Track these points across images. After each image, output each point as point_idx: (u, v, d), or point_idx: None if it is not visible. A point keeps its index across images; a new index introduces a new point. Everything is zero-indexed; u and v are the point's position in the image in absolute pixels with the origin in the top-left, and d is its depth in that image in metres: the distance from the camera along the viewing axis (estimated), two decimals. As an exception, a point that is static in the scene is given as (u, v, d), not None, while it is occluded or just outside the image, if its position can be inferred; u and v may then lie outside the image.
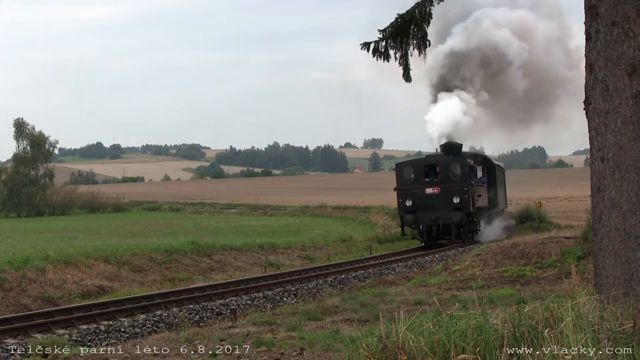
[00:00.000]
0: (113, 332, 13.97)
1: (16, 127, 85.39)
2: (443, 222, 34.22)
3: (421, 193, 34.56)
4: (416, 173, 35.22)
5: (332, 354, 9.60)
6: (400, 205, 35.25)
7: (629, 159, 8.37)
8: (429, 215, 34.16)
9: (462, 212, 34.06)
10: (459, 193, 34.10)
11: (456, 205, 34.01)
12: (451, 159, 35.43)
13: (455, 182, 34.44)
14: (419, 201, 34.48)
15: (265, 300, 17.81)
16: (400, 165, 36.85)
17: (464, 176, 34.55)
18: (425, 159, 36.75)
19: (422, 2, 11.92)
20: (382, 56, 12.23)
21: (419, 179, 34.96)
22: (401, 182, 35.36)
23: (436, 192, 34.48)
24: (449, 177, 34.63)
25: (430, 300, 13.64)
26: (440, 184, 34.62)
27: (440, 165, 35.17)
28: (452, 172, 34.66)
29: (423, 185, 34.73)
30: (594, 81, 8.60)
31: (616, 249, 8.37)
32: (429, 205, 34.25)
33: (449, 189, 34.32)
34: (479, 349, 6.76)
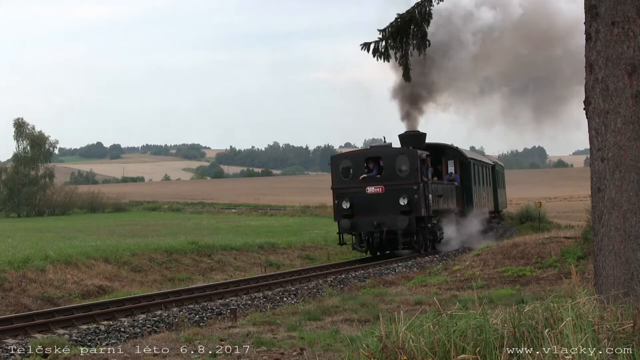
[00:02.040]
0: (113, 332, 13.97)
1: (16, 127, 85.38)
2: (388, 229, 27.70)
3: (361, 193, 27.96)
4: (355, 168, 28.65)
5: (332, 354, 9.60)
6: (336, 208, 28.50)
7: (629, 159, 8.37)
8: (370, 219, 27.68)
9: (410, 216, 27.46)
10: (406, 193, 27.53)
11: (403, 207, 27.48)
12: (397, 151, 28.88)
13: (403, 179, 27.97)
14: (359, 203, 27.93)
15: (265, 300, 17.81)
16: (336, 158, 29.89)
17: (413, 172, 27.88)
18: (367, 150, 29.92)
19: (422, 2, 11.92)
20: (382, 56, 12.25)
21: (359, 176, 28.49)
22: (337, 180, 28.80)
23: (379, 192, 27.91)
24: (395, 173, 28.11)
25: (430, 300, 13.64)
26: (385, 181, 28.04)
27: (385, 159, 28.47)
28: (399, 167, 28.18)
29: (363, 183, 28.14)
30: (594, 81, 8.60)
31: (616, 249, 8.37)
32: (370, 208, 27.87)
33: (394, 187, 27.77)
34: (479, 349, 6.76)
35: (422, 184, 27.96)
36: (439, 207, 30.21)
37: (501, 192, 44.36)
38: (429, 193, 28.61)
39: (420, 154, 28.44)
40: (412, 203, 27.56)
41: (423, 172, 28.43)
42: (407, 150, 29.00)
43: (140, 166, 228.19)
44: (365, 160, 28.76)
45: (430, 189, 28.86)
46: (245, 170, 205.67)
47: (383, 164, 28.46)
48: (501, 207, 44.07)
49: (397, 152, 28.82)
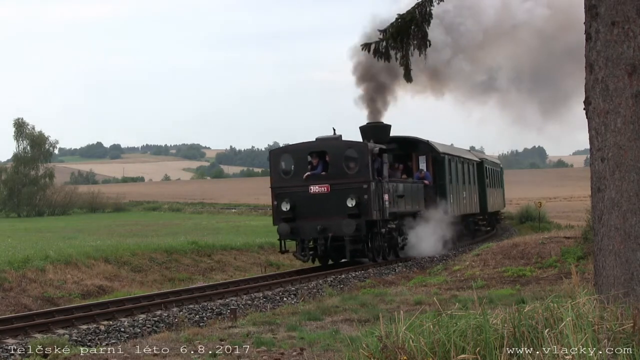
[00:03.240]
0: (113, 332, 13.97)
1: (16, 127, 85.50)
2: (333, 234, 23.64)
3: (304, 193, 24.03)
4: (298, 164, 24.68)
5: (332, 354, 9.60)
6: (274, 210, 24.60)
7: (629, 159, 8.38)
8: (314, 224, 23.71)
9: (359, 219, 23.49)
10: (355, 192, 23.60)
11: (351, 210, 23.51)
12: (345, 144, 24.66)
13: (351, 176, 24.01)
14: (301, 204, 24.05)
15: (265, 300, 17.81)
16: (275, 153, 25.67)
17: (364, 168, 23.95)
18: (310, 143, 25.10)
19: (422, 2, 11.93)
20: (382, 57, 12.26)
21: (302, 173, 24.50)
22: (277, 178, 24.84)
23: (324, 192, 23.95)
24: (342, 170, 24.18)
25: (430, 300, 13.64)
26: (331, 179, 24.06)
27: (331, 153, 24.43)
28: (347, 163, 24.29)
29: (306, 182, 24.20)
30: (594, 81, 8.60)
31: (616, 249, 8.37)
32: (314, 210, 23.88)
33: (341, 186, 23.86)
34: (479, 349, 6.76)
35: (374, 182, 24.07)
36: (400, 208, 26.47)
37: (493, 192, 41.26)
38: (385, 193, 24.73)
39: (372, 148, 24.36)
40: (361, 204, 23.58)
41: (376, 169, 24.56)
42: (356, 143, 24.81)
43: (140, 166, 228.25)
44: (309, 155, 24.66)
45: (387, 188, 24.99)
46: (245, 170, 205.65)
47: (329, 160, 24.41)
48: (492, 208, 41.00)
49: (345, 145, 24.55)
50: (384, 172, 25.25)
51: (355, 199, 23.54)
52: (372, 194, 23.82)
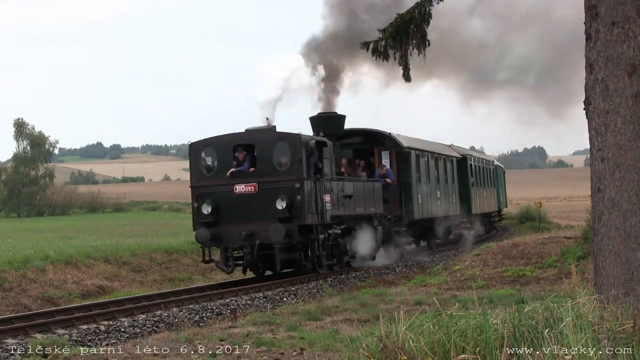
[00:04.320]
0: (113, 332, 13.96)
1: (16, 127, 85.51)
2: (261, 241, 20.09)
3: (228, 193, 20.59)
4: (221, 159, 21.13)
5: (332, 354, 9.60)
6: (195, 213, 21.01)
7: (629, 159, 8.38)
8: (239, 229, 20.21)
9: (290, 224, 20.00)
10: (286, 193, 20.15)
11: (281, 213, 19.99)
12: (275, 136, 21.01)
13: (282, 174, 20.52)
14: (225, 206, 20.60)
15: (265, 300, 17.79)
16: (196, 146, 21.57)
17: (296, 164, 20.40)
18: (236, 135, 21.37)
19: (421, 2, 11.94)
20: (381, 56, 12.27)
21: (226, 170, 20.91)
22: (198, 175, 21.36)
23: (251, 192, 20.41)
24: (272, 167, 20.67)
25: (430, 300, 13.64)
26: (259, 177, 20.54)
27: (259, 147, 20.88)
28: (277, 159, 20.71)
29: (231, 180, 20.64)
30: (594, 81, 8.61)
31: (616, 249, 8.37)
32: (240, 213, 20.44)
33: (270, 185, 20.39)
34: (479, 349, 6.77)
35: (310, 180, 20.58)
36: (349, 211, 23.03)
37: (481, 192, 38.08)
38: (325, 193, 21.28)
39: (306, 140, 20.87)
40: (294, 206, 20.08)
41: (313, 165, 21.06)
42: (288, 135, 20.91)
43: (140, 166, 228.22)
44: (234, 149, 21.00)
45: (329, 187, 21.65)
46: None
47: (257, 154, 20.89)
48: (480, 210, 37.65)
49: (275, 137, 20.92)
50: (326, 169, 21.70)
51: (286, 200, 19.98)
52: (306, 195, 20.28)
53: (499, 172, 45.13)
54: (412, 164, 27.77)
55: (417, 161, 28.48)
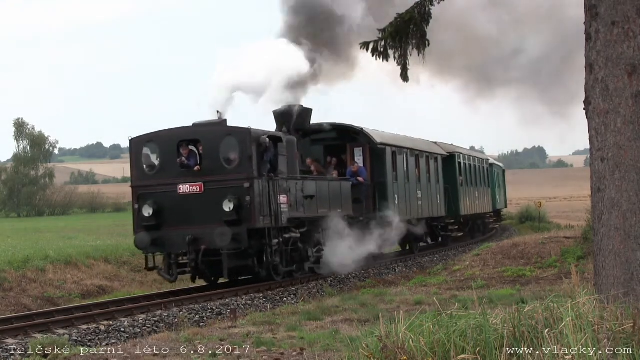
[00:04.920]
0: (113, 332, 13.97)
1: (16, 127, 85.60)
2: (207, 247, 18.19)
3: (171, 193, 18.68)
4: (165, 156, 19.23)
5: (332, 354, 9.61)
6: (135, 216, 19.11)
7: (629, 159, 8.38)
8: (182, 233, 18.30)
9: (239, 228, 18.08)
10: (234, 193, 18.25)
11: (228, 215, 18.06)
12: (222, 131, 19.08)
13: (230, 172, 18.64)
14: (168, 208, 18.67)
15: (265, 300, 17.79)
16: (137, 142, 19.52)
17: (246, 161, 18.48)
18: (181, 130, 19.40)
19: (421, 2, 11.94)
20: (381, 56, 12.27)
21: (169, 168, 19.02)
22: (139, 173, 19.40)
23: (196, 192, 18.53)
24: (219, 164, 18.78)
25: (430, 300, 13.65)
26: (205, 176, 18.70)
27: (205, 143, 18.95)
28: (225, 155, 18.79)
29: (174, 179, 18.74)
30: (594, 81, 8.61)
31: (616, 249, 8.38)
32: (184, 216, 18.54)
33: (217, 185, 18.55)
34: (479, 349, 6.77)
35: (262, 179, 18.64)
36: (310, 213, 20.98)
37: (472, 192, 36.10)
38: (281, 193, 19.34)
39: (257, 135, 18.80)
40: (242, 208, 18.17)
41: (267, 162, 19.12)
42: (237, 129, 19.01)
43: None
44: (178, 145, 19.04)
45: (285, 187, 19.67)
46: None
47: (203, 151, 19.03)
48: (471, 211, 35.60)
49: (223, 132, 19.03)
50: (282, 167, 19.67)
51: (234, 202, 18.05)
52: (256, 195, 18.34)
53: (495, 171, 43.56)
54: (387, 161, 25.73)
55: (394, 158, 26.44)
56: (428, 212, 29.47)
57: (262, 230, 18.71)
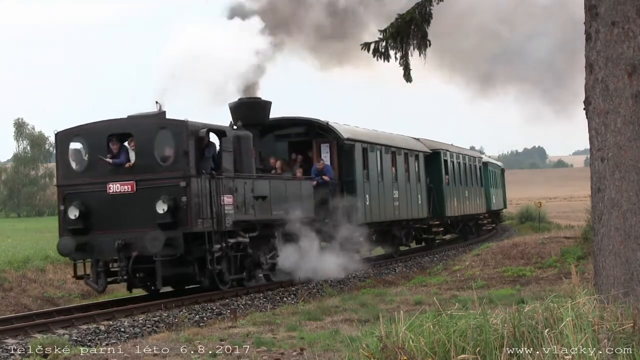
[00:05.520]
0: (113, 332, 13.96)
1: (16, 127, 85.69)
2: (139, 254, 16.22)
3: (100, 193, 16.80)
4: (93, 152, 17.27)
5: (332, 354, 9.61)
6: (60, 218, 17.17)
7: (629, 159, 8.39)
8: (112, 238, 16.40)
9: (174, 232, 16.23)
10: (168, 193, 16.42)
11: (162, 218, 16.19)
12: (157, 123, 17.18)
13: (164, 170, 16.76)
14: (97, 210, 16.77)
15: (265, 300, 17.79)
16: (63, 136, 17.62)
17: (182, 158, 16.64)
18: (111, 122, 17.48)
19: (422, 2, 11.95)
20: (382, 56, 12.29)
21: (98, 165, 17.03)
22: (64, 172, 17.54)
23: (128, 192, 16.66)
24: (153, 161, 16.85)
25: (430, 300, 13.65)
26: (138, 174, 16.78)
27: (138, 137, 17.03)
28: (160, 151, 16.90)
29: (104, 178, 16.83)
30: (594, 81, 8.62)
31: (616, 249, 8.38)
32: (114, 219, 16.64)
33: (151, 184, 16.67)
34: (479, 349, 6.77)
35: (200, 178, 16.80)
36: (262, 215, 18.97)
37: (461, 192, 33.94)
38: (225, 194, 17.43)
39: (195, 128, 17.02)
40: (178, 210, 16.35)
41: (208, 159, 17.43)
42: (172, 122, 17.13)
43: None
44: (108, 139, 17.14)
45: (231, 186, 17.72)
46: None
47: (135, 146, 17.12)
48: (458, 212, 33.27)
49: (156, 125, 17.13)
50: (226, 164, 17.77)
51: (169, 203, 16.21)
52: (194, 195, 16.53)
53: (490, 170, 41.75)
54: (356, 158, 23.63)
55: (365, 155, 24.34)
56: (407, 214, 27.31)
57: (202, 234, 16.71)
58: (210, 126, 17.60)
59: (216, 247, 17.05)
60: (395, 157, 26.85)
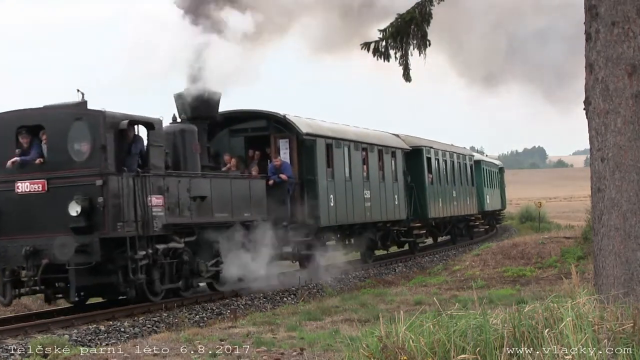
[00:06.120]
0: (113, 332, 13.95)
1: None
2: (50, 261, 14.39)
3: (7, 193, 15.06)
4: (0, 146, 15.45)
5: (332, 354, 9.61)
6: None
7: (629, 159, 8.39)
8: (19, 243, 14.65)
9: (89, 237, 14.37)
10: (83, 193, 14.50)
11: (75, 221, 14.35)
12: (72, 114, 15.10)
13: (78, 166, 14.85)
14: (4, 212, 14.97)
15: (265, 300, 17.79)
16: None
17: (98, 153, 14.72)
18: (19, 113, 15.65)
19: (422, 2, 11.96)
20: (382, 56, 12.30)
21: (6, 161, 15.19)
22: None
23: (39, 191, 14.87)
24: (67, 156, 14.97)
25: (430, 300, 13.65)
26: (49, 171, 14.97)
27: (50, 130, 15.16)
28: (75, 146, 15.02)
29: (12, 175, 15.10)
30: (594, 81, 8.62)
31: (616, 249, 8.38)
32: (22, 222, 14.90)
33: (64, 183, 14.82)
34: (479, 349, 6.77)
35: (121, 176, 14.92)
36: (200, 217, 17.08)
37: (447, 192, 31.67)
38: (153, 194, 15.54)
39: (115, 120, 15.09)
40: (94, 212, 14.51)
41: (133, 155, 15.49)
42: (88, 112, 15.08)
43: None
44: (17, 131, 15.32)
45: (159, 185, 15.81)
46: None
47: (47, 139, 15.20)
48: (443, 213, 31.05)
49: (70, 116, 15.09)
50: (155, 161, 15.81)
51: (83, 204, 14.38)
52: (112, 195, 14.66)
53: (483, 169, 39.94)
54: (318, 155, 21.56)
55: (329, 152, 22.32)
56: (380, 215, 25.27)
57: (123, 239, 14.84)
58: (133, 117, 15.53)
59: (141, 253, 15.12)
60: (367, 154, 24.85)
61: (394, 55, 12.28)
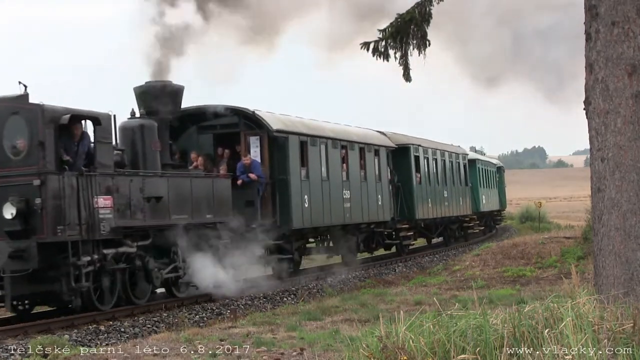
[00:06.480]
0: (113, 332, 13.96)
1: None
2: None
3: None
4: None
5: (332, 354, 9.61)
6: None
7: (629, 159, 8.39)
8: None
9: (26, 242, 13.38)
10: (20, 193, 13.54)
11: (10, 224, 13.39)
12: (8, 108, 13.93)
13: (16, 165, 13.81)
14: None
15: (265, 300, 17.79)
16: None
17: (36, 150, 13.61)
18: None
19: (422, 2, 11.96)
20: (382, 56, 12.30)
21: None
22: None
23: None
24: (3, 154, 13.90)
25: (430, 300, 13.66)
26: None
27: None
28: (10, 142, 13.91)
29: None
30: (594, 81, 8.62)
31: (616, 249, 8.38)
32: None
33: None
34: (479, 349, 6.77)
35: (63, 175, 13.82)
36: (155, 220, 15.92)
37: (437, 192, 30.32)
38: (100, 194, 14.45)
39: (55, 114, 13.94)
40: (31, 215, 13.50)
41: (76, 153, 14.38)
42: (25, 106, 13.88)
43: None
44: None
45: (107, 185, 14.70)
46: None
47: None
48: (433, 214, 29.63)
49: (7, 110, 13.91)
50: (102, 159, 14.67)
51: (18, 206, 13.39)
52: (51, 196, 13.57)
53: (479, 168, 38.93)
54: (290, 153, 20.30)
55: (303, 150, 21.05)
56: (362, 217, 24.01)
57: (64, 244, 13.72)
58: (76, 112, 14.29)
59: (84, 259, 13.97)
60: (347, 153, 23.47)
61: (394, 55, 12.29)
